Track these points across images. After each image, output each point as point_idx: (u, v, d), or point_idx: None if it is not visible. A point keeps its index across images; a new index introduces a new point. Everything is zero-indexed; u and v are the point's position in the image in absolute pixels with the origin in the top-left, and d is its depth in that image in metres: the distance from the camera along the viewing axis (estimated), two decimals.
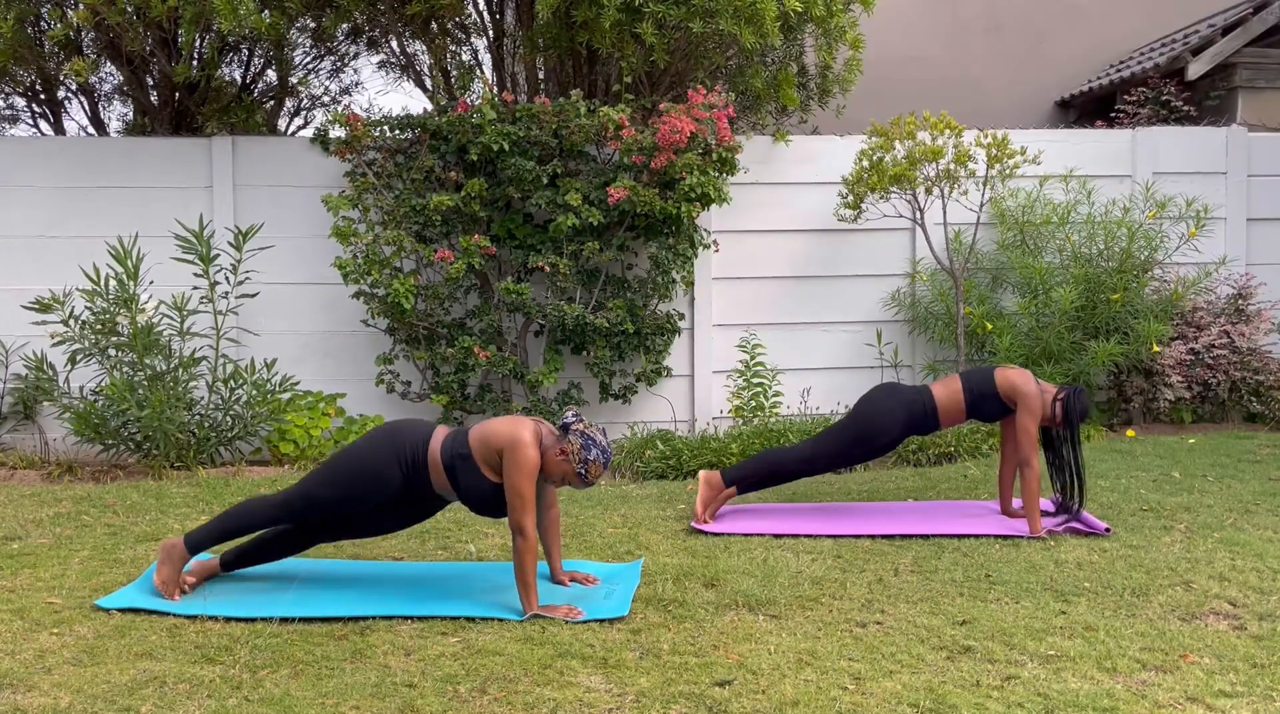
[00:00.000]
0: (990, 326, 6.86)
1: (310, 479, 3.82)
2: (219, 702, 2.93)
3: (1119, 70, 9.86)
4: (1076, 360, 6.88)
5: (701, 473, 4.96)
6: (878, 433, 4.82)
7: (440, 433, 3.81)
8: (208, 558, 4.11)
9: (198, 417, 6.37)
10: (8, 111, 9.68)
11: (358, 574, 4.15)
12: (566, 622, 3.56)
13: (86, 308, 6.24)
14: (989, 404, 4.83)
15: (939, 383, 4.93)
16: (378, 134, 6.74)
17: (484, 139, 6.44)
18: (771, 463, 4.95)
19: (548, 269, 6.52)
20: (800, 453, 4.91)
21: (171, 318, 6.36)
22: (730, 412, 7.04)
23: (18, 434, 6.80)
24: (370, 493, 3.76)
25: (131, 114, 9.50)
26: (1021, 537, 4.59)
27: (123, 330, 6.21)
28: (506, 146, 6.48)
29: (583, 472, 3.65)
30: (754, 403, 6.88)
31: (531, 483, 3.63)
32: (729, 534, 4.71)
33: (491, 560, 4.38)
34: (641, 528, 4.85)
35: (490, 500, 3.72)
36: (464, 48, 8.50)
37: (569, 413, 3.75)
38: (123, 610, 3.71)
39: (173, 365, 6.21)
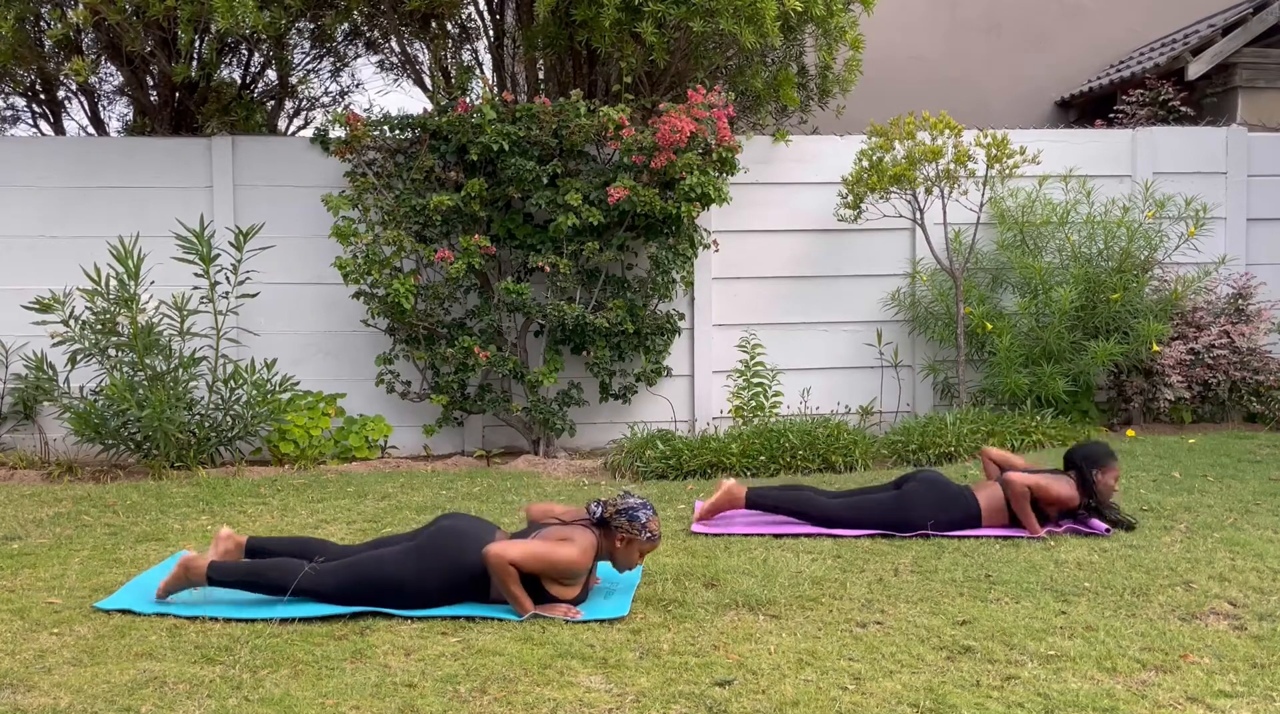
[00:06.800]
0: (990, 326, 6.86)
1: (353, 582, 3.69)
2: (219, 702, 2.93)
3: (1119, 70, 9.86)
4: (1076, 360, 6.88)
5: (728, 483, 4.81)
6: (914, 526, 4.71)
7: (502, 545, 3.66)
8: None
9: (198, 417, 6.37)
10: (8, 111, 9.67)
11: None
12: (566, 621, 3.56)
13: (87, 308, 6.24)
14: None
15: (982, 489, 4.80)
16: (378, 134, 6.73)
17: (484, 139, 6.44)
18: (800, 507, 4.80)
19: (548, 269, 6.52)
20: (835, 511, 4.76)
21: (172, 318, 6.36)
22: (730, 411, 7.03)
23: (18, 434, 6.80)
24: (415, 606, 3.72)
25: (131, 114, 9.49)
26: (1021, 537, 4.59)
27: (123, 330, 6.21)
28: (506, 146, 6.48)
29: (649, 536, 3.72)
30: (754, 403, 6.87)
31: (558, 575, 3.65)
32: (729, 534, 4.71)
33: None
34: None
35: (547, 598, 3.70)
36: (464, 48, 8.50)
37: (594, 505, 3.75)
38: (122, 611, 3.71)
39: (173, 365, 6.21)
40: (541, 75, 8.03)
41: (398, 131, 6.75)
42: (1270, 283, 7.48)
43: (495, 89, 7.65)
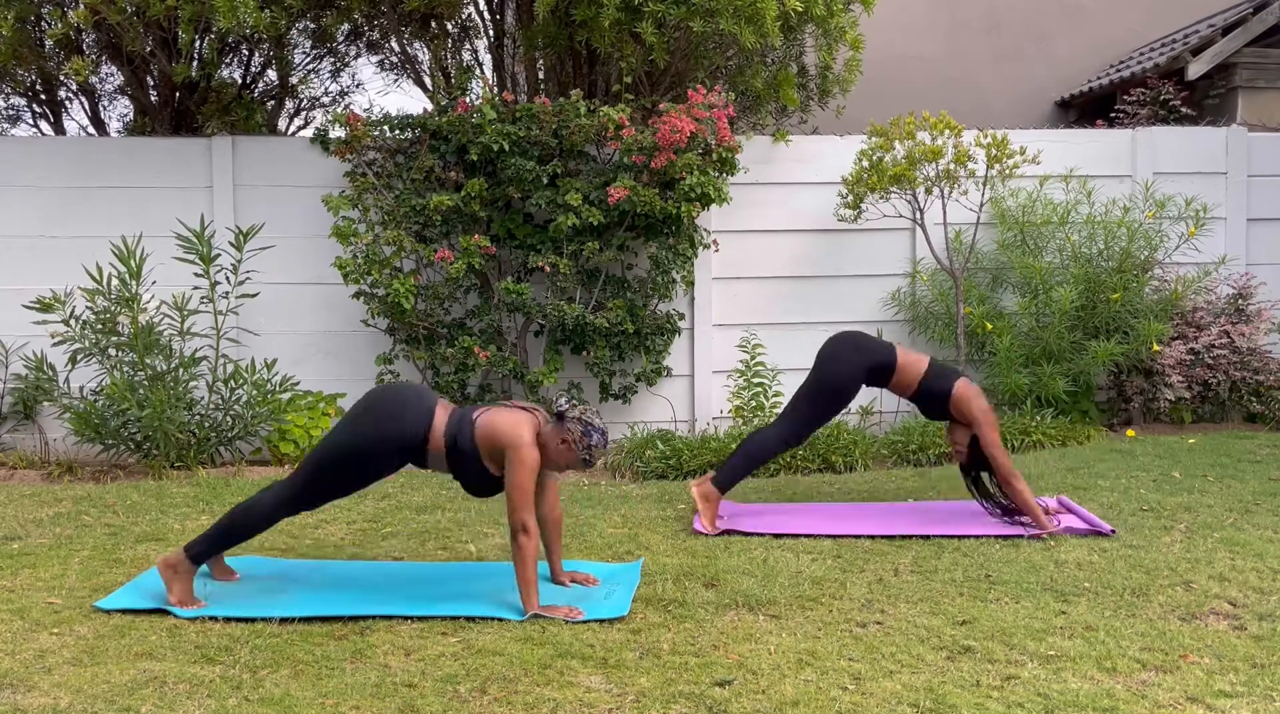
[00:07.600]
0: (990, 326, 6.86)
1: (309, 471, 3.83)
2: (219, 702, 2.93)
3: (1119, 70, 9.86)
4: (1076, 360, 6.89)
5: (695, 491, 4.83)
6: (845, 393, 4.87)
7: (442, 414, 3.84)
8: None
9: (198, 417, 6.37)
10: (8, 111, 9.68)
11: (357, 574, 4.15)
12: (566, 622, 3.57)
13: (87, 308, 6.24)
14: (936, 404, 4.90)
15: (908, 351, 4.97)
16: (378, 134, 6.74)
17: (484, 139, 6.44)
18: (753, 457, 4.92)
19: (548, 269, 6.52)
20: (779, 436, 4.91)
21: (172, 318, 6.36)
22: (730, 412, 7.04)
23: (18, 434, 6.80)
24: (370, 478, 3.86)
25: (131, 114, 9.50)
26: (1021, 537, 4.59)
27: (123, 330, 6.21)
28: (506, 146, 6.48)
29: (586, 457, 3.79)
30: (754, 403, 6.88)
31: (533, 480, 3.71)
32: (729, 534, 4.71)
33: (491, 560, 4.39)
34: (641, 528, 4.85)
35: (487, 487, 3.85)
36: (464, 48, 8.51)
37: (562, 400, 3.85)
38: (122, 611, 3.71)
39: (173, 365, 6.21)
40: (541, 75, 8.03)
41: (398, 131, 6.75)
42: (1270, 283, 7.48)
43: (495, 89, 7.65)
